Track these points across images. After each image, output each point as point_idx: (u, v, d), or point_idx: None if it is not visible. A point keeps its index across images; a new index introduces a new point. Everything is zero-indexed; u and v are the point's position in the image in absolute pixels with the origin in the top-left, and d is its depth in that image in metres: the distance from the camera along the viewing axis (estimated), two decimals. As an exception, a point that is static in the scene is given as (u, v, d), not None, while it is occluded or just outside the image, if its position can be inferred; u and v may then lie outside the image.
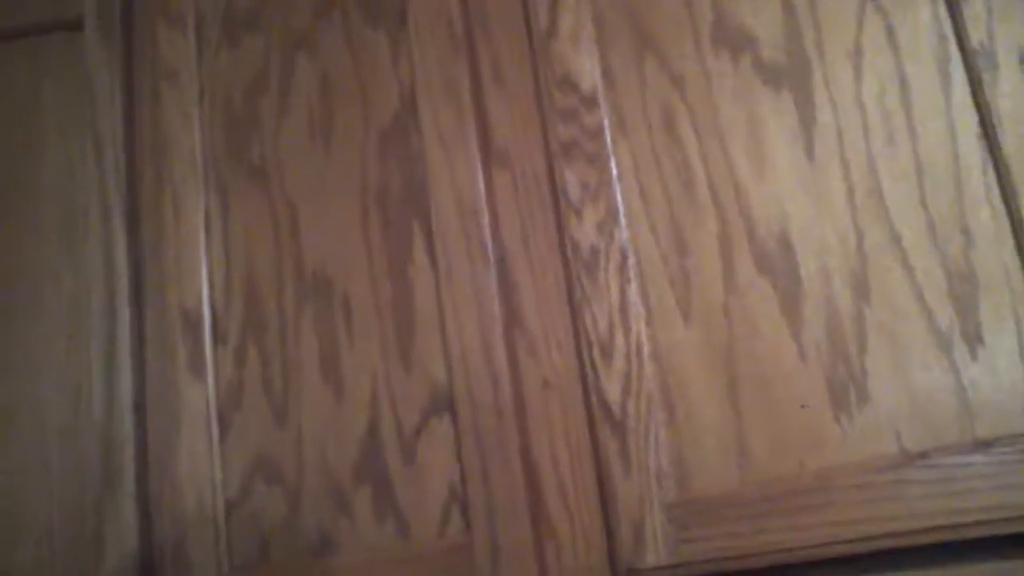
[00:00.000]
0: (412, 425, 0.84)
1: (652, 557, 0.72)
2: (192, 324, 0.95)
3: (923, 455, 0.65)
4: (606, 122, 0.79)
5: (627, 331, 0.76)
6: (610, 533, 0.75)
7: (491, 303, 0.81)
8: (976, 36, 0.70)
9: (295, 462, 0.88)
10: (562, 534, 0.77)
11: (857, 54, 0.73)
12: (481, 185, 0.84)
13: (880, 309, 0.68)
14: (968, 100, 0.68)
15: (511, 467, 0.79)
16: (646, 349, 0.75)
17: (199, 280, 0.96)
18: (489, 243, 0.83)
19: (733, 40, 0.76)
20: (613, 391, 0.75)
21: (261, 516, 0.88)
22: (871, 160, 0.70)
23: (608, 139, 0.79)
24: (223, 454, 0.92)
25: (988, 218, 0.66)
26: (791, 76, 0.73)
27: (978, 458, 0.63)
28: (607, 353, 0.76)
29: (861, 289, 0.69)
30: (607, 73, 0.80)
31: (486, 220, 0.83)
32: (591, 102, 0.80)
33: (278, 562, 0.86)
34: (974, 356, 0.65)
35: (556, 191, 0.81)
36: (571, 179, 0.80)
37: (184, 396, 0.93)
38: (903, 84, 0.70)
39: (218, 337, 0.94)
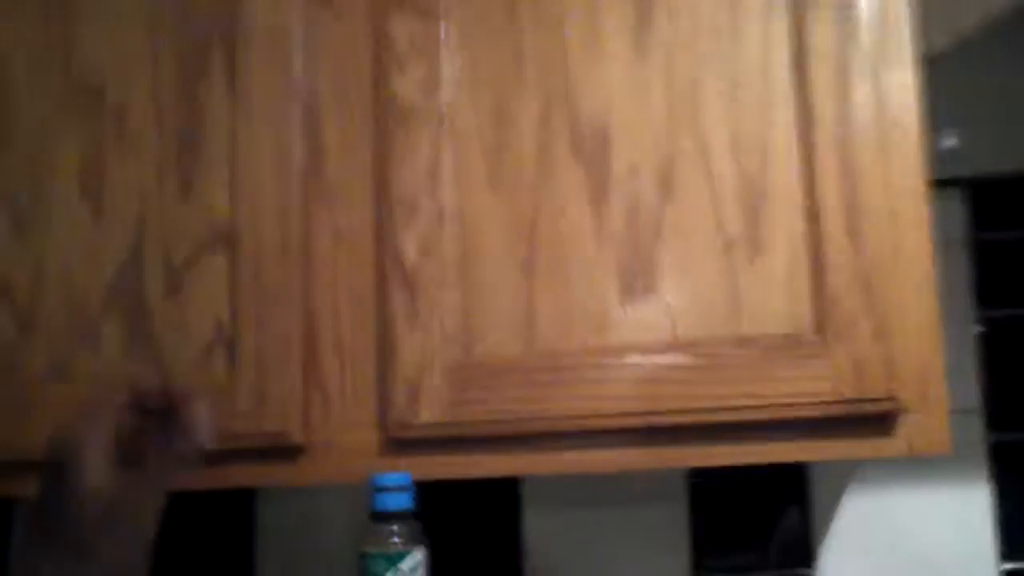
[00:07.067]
0: (182, 256, 0.77)
1: (427, 414, 0.72)
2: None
3: (693, 344, 0.71)
4: (441, -21, 0.77)
5: (434, 192, 0.75)
6: (384, 390, 0.74)
7: (291, 142, 0.77)
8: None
9: (31, 279, 0.78)
10: (331, 386, 0.76)
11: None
12: (298, 17, 0.78)
13: (679, 210, 0.73)
14: (786, 30, 0.73)
15: (288, 313, 0.75)
16: (449, 212, 0.75)
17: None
18: (300, 80, 0.78)
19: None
20: (410, 250, 0.74)
21: (-21, 334, 0.78)
22: (694, 70, 0.74)
23: (442, -3, 0.77)
24: (-65, 258, 0.80)
25: (783, 141, 0.72)
26: (633, -28, 0.75)
27: (740, 351, 0.70)
28: (411, 211, 0.75)
29: (665, 189, 0.73)
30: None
31: (300, 56, 0.78)
32: (431, -45, 0.77)
33: (-1, 385, 0.77)
34: (751, 262, 0.72)
35: (379, 39, 0.78)
36: (399, 30, 0.77)
37: None
38: (732, 5, 0.74)
39: (-52, 127, 0.81)
